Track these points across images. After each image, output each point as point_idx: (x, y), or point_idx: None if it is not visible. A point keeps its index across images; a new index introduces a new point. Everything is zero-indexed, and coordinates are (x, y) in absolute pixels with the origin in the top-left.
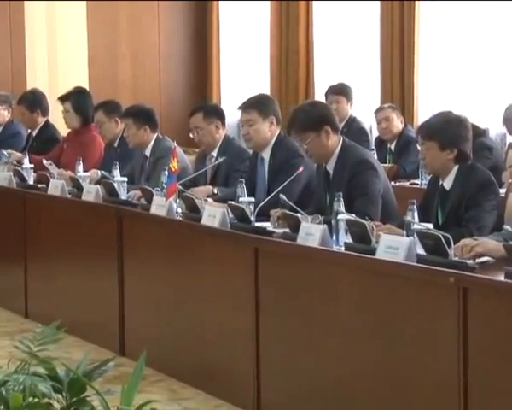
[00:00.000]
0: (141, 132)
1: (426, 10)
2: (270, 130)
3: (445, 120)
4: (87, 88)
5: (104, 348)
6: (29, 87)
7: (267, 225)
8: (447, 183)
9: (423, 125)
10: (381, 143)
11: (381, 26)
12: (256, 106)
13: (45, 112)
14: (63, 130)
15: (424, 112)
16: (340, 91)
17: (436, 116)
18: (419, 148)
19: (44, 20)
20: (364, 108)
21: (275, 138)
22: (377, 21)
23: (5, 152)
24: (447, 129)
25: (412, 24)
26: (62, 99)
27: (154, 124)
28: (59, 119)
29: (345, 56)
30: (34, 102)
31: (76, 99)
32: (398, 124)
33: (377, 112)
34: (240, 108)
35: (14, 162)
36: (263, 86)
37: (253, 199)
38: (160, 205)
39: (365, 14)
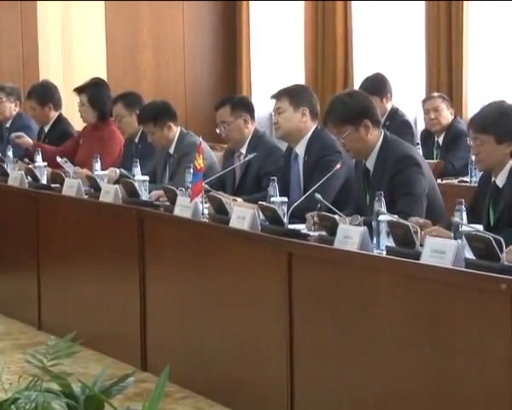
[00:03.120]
0: (165, 132)
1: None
2: (301, 121)
3: (500, 110)
4: (105, 78)
5: (124, 362)
6: (42, 79)
7: (301, 227)
8: (500, 180)
9: (476, 117)
10: (427, 137)
11: (427, 18)
12: (288, 94)
13: (58, 105)
14: (79, 124)
15: (474, 104)
16: (372, 92)
17: (488, 107)
18: (470, 142)
19: (59, 2)
20: (408, 99)
21: (310, 133)
22: (422, 12)
23: (13, 135)
24: (504, 120)
25: (460, 15)
26: (78, 91)
27: (174, 117)
28: (74, 113)
29: (386, 46)
30: (45, 95)
31: (92, 92)
32: (447, 115)
33: (425, 101)
34: (272, 96)
35: (26, 160)
36: (297, 75)
37: (286, 199)
38: (185, 206)
39: (409, 9)
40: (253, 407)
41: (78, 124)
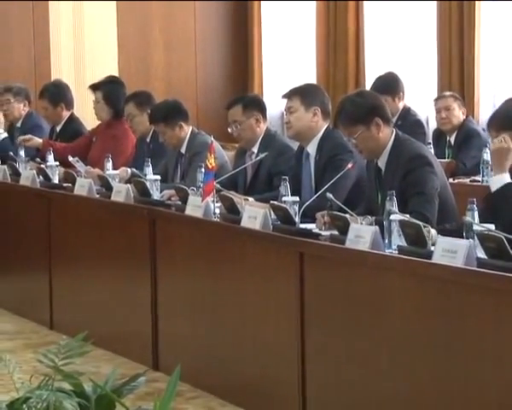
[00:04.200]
0: (177, 132)
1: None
2: (312, 120)
3: None
4: None
5: (136, 361)
6: (53, 78)
7: (313, 226)
8: None
9: (496, 116)
10: (439, 136)
11: (438, 17)
12: (299, 93)
13: (70, 105)
14: (91, 124)
15: (486, 103)
16: (385, 91)
17: (505, 104)
18: (489, 140)
19: (71, 2)
20: (420, 99)
21: (322, 132)
22: (434, 11)
23: (20, 138)
24: None
25: (472, 15)
26: (93, 88)
27: (186, 116)
28: (86, 112)
29: (398, 45)
30: (57, 94)
31: (107, 89)
32: (459, 115)
33: (437, 100)
34: (284, 96)
35: (38, 160)
36: (309, 74)
37: (297, 198)
38: (196, 205)
39: (421, 8)
40: (264, 407)
41: (90, 123)
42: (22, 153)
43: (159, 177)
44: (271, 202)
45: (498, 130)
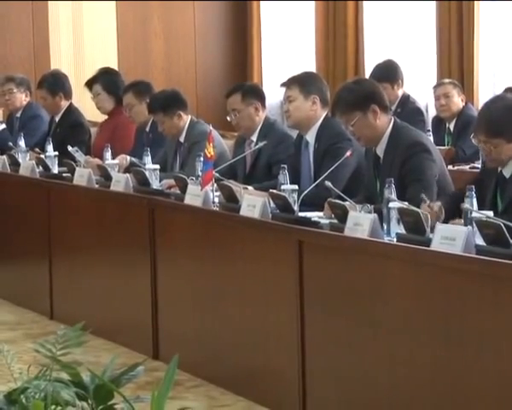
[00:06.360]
0: (175, 121)
1: None
2: (312, 109)
3: (506, 109)
4: (116, 67)
5: (136, 351)
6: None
7: (312, 215)
8: (507, 170)
9: (483, 123)
10: (438, 123)
11: (438, 4)
12: (298, 82)
13: (68, 95)
14: (90, 114)
15: (486, 90)
16: (384, 78)
17: (493, 107)
18: (476, 143)
19: None
20: (419, 86)
21: (321, 121)
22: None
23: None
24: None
25: (472, 2)
26: (90, 83)
27: (185, 105)
28: (85, 103)
29: (397, 32)
30: (56, 84)
31: (105, 79)
32: (458, 102)
33: (436, 87)
34: (282, 84)
35: (37, 150)
36: (308, 64)
37: (296, 187)
38: (195, 195)
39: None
40: (264, 395)
41: (89, 114)
42: (22, 143)
43: (158, 166)
44: (270, 190)
45: (486, 136)
